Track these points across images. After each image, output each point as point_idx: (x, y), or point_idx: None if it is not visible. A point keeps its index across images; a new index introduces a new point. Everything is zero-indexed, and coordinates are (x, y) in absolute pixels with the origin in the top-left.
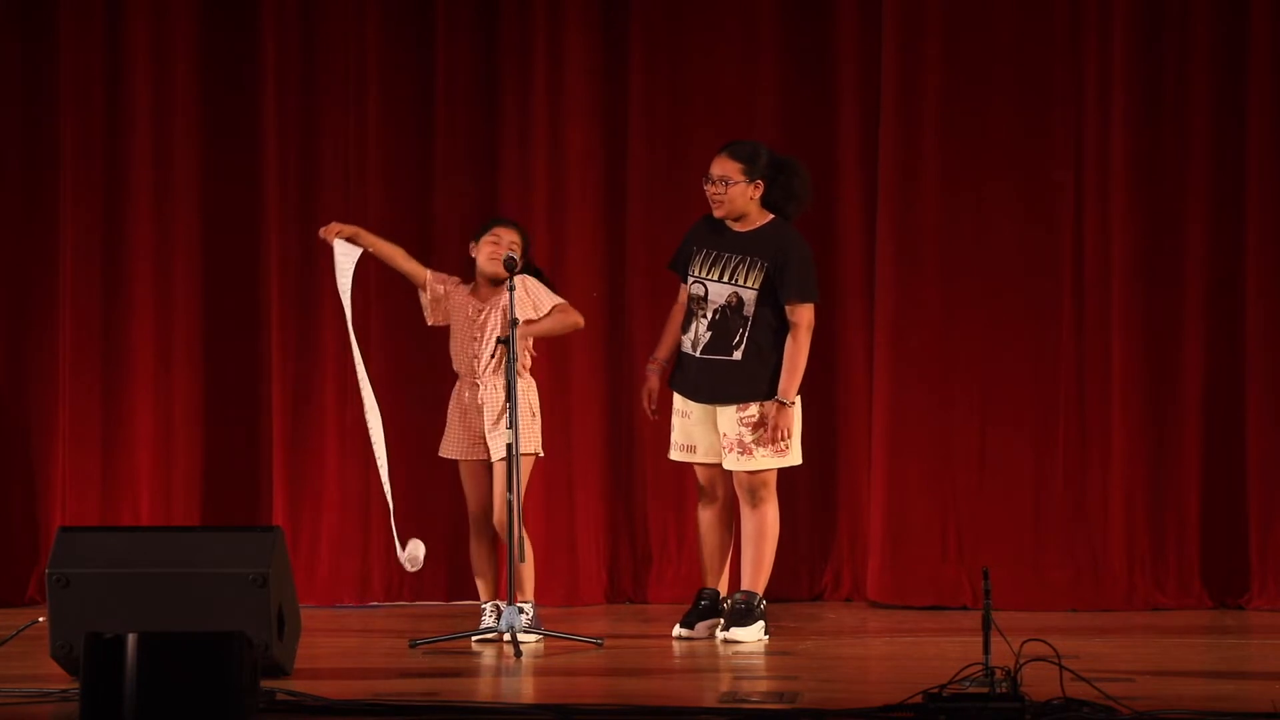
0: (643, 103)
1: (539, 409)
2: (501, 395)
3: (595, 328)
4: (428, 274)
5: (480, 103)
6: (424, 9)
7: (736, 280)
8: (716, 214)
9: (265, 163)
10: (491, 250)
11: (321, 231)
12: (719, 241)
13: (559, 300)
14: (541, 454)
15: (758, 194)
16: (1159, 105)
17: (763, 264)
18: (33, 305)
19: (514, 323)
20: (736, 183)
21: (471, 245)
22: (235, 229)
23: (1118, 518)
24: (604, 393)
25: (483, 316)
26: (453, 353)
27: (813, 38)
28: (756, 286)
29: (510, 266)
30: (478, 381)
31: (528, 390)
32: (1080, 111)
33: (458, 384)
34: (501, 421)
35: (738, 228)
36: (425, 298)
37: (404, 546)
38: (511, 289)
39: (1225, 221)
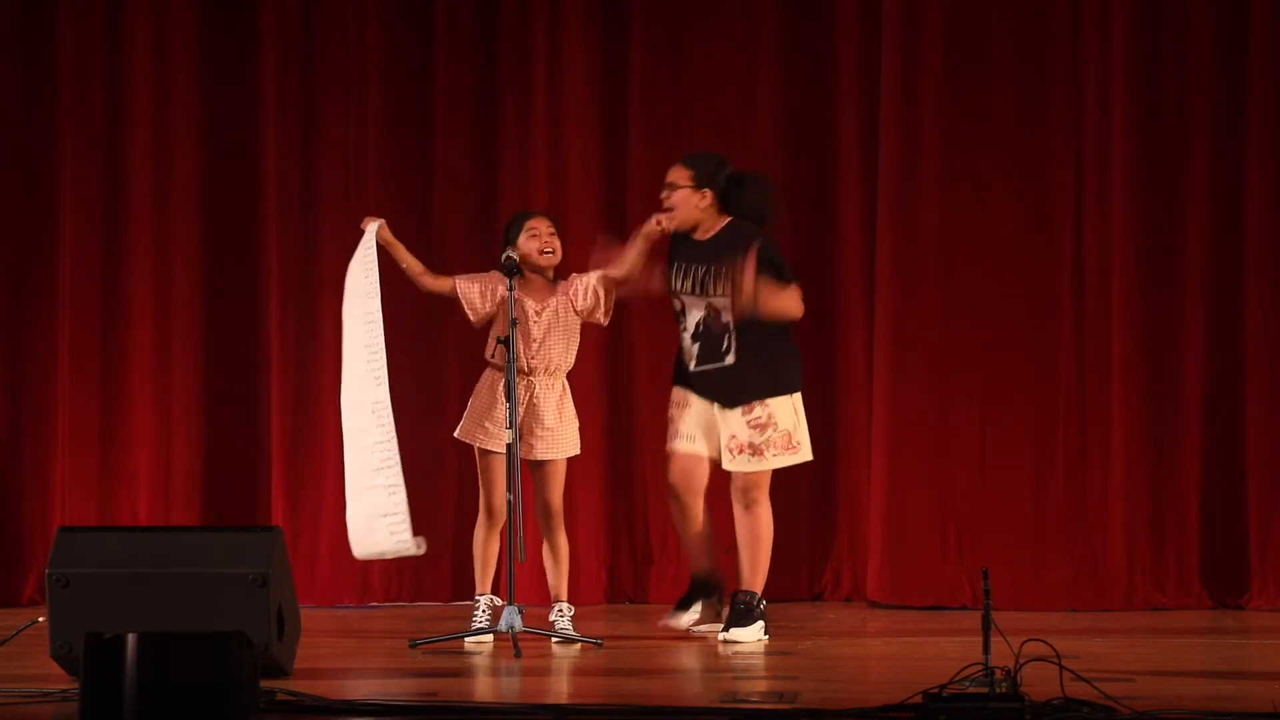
0: (643, 103)
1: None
2: (555, 394)
3: (594, 327)
4: (454, 281)
5: (480, 103)
6: (424, 9)
7: (707, 291)
8: (668, 224)
9: (265, 162)
10: (535, 245)
11: (367, 220)
12: (685, 253)
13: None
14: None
15: (704, 202)
16: (1159, 105)
17: (726, 270)
18: (32, 305)
19: (513, 323)
20: (681, 188)
21: (510, 249)
22: (235, 228)
23: (1118, 518)
24: (604, 393)
25: (544, 315)
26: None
27: (813, 38)
28: (726, 293)
29: (511, 268)
30: (532, 380)
31: (567, 392)
32: (1080, 111)
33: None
34: (551, 423)
35: (698, 236)
36: (463, 306)
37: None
38: (511, 289)
39: (1225, 222)
